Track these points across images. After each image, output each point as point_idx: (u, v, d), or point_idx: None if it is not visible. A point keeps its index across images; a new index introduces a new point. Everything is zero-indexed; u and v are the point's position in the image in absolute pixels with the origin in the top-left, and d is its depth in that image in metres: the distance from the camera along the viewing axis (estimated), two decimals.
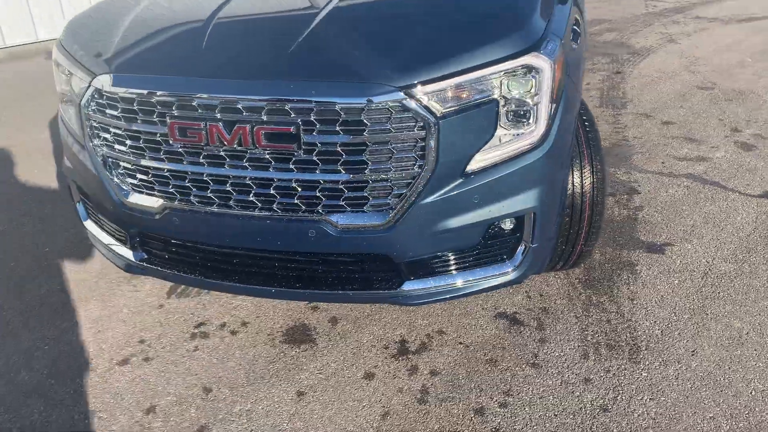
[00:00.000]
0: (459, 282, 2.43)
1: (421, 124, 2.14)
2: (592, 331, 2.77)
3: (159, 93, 2.27)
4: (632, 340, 2.71)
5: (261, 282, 2.47)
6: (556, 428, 2.31)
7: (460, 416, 2.38)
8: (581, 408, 2.39)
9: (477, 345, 2.72)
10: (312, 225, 2.28)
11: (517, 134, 2.27)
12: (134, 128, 2.35)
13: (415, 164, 2.20)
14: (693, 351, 2.64)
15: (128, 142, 2.40)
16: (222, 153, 2.26)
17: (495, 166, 2.27)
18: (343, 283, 2.43)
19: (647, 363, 2.59)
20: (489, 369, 2.59)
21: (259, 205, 2.30)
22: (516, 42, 2.23)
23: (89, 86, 2.42)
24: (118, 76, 2.36)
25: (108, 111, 2.40)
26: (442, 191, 2.24)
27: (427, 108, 2.12)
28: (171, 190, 2.40)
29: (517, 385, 2.50)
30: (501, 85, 2.21)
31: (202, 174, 2.33)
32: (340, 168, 2.21)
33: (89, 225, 2.88)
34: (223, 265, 2.50)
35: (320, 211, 2.27)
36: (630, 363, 2.59)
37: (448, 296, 2.43)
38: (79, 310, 3.05)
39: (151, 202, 2.46)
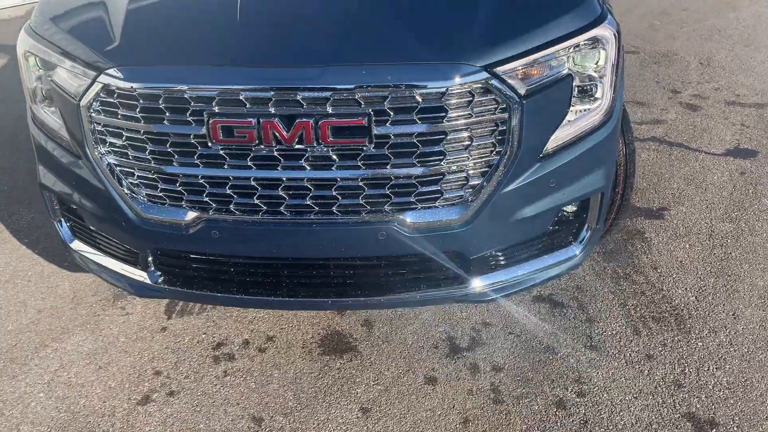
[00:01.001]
0: (527, 271, 2.30)
1: (504, 105, 1.96)
2: (632, 305, 2.75)
3: (193, 87, 1.92)
4: (673, 310, 2.70)
5: (314, 294, 2.20)
6: (641, 411, 2.24)
7: (543, 412, 2.26)
8: (656, 387, 2.36)
9: (528, 333, 2.61)
10: (380, 226, 2.05)
11: (585, 110, 2.15)
12: (158, 130, 1.99)
13: (493, 151, 2.03)
14: (734, 314, 2.67)
15: (149, 146, 2.03)
16: (275, 153, 1.96)
17: (567, 146, 2.14)
18: (409, 286, 2.21)
19: (697, 332, 2.58)
20: (550, 357, 2.49)
21: (317, 209, 2.04)
22: (584, 14, 2.12)
23: (92, 83, 2.01)
24: (135, 69, 1.99)
25: (121, 111, 2.02)
26: (521, 177, 2.08)
27: (511, 87, 1.94)
28: (206, 200, 2.07)
29: (585, 371, 2.42)
30: (570, 59, 2.08)
31: (249, 179, 2.02)
32: (414, 161, 1.98)
33: (78, 245, 2.46)
34: (269, 279, 2.20)
35: (388, 210, 2.04)
36: (681, 334, 2.57)
37: (518, 288, 2.29)
38: (64, 344, 2.62)
39: (180, 214, 2.10)
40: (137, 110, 1.99)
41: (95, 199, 2.21)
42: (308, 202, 2.03)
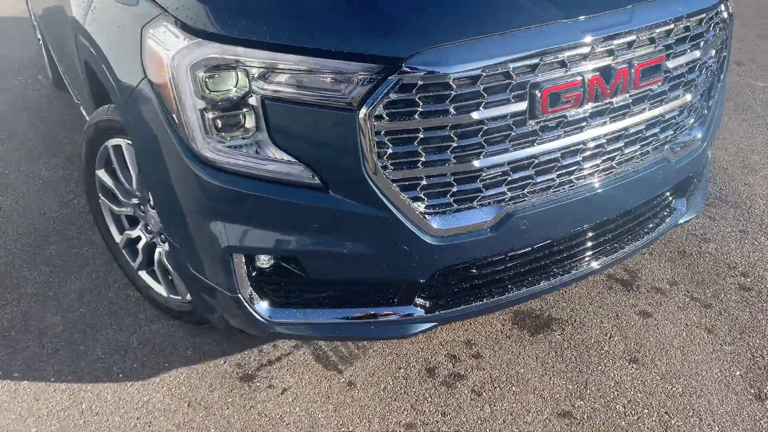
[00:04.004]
0: None
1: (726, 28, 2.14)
2: None
3: (517, 56, 1.69)
4: None
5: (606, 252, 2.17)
6: None
7: None
8: None
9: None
10: (657, 165, 2.09)
11: None
12: (470, 119, 1.70)
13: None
14: None
15: (455, 142, 1.72)
16: (582, 114, 1.84)
17: None
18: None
19: None
20: None
21: (616, 162, 1.98)
22: None
23: (381, 81, 1.61)
24: (445, 51, 1.64)
25: (422, 108, 1.66)
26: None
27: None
28: (504, 189, 1.85)
29: None
30: None
31: (555, 151, 1.85)
32: (685, 91, 2.07)
33: (280, 315, 1.94)
34: (560, 258, 2.06)
35: (664, 147, 2.11)
36: None
37: None
38: None
39: (480, 216, 1.84)
40: (448, 101, 1.64)
41: (365, 233, 1.76)
42: (598, 162, 1.94)
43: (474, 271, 2.00)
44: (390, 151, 1.71)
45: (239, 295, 1.93)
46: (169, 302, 2.57)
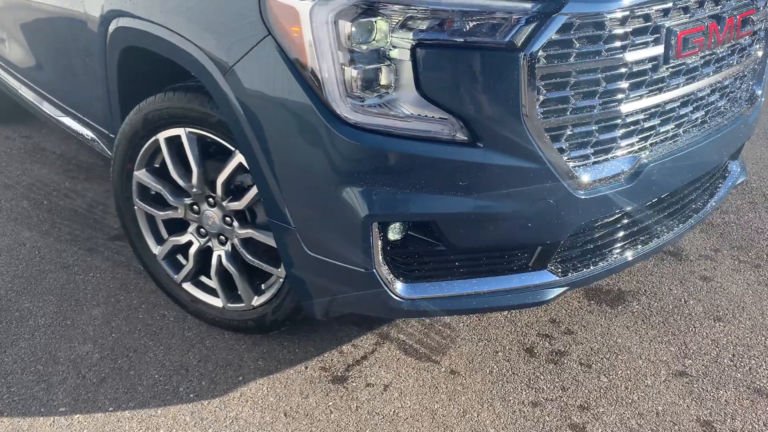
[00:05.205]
0: None
1: None
2: None
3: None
4: None
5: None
6: None
7: None
8: None
9: None
10: (739, 119, 2.20)
11: None
12: (621, 61, 1.71)
13: None
14: None
15: (602, 86, 1.72)
16: (699, 62, 1.91)
17: None
18: None
19: None
20: None
21: (707, 118, 2.06)
22: None
23: (547, 19, 1.58)
24: None
25: (576, 50, 1.64)
26: None
27: None
28: (636, 139, 1.87)
29: None
30: None
31: (676, 99, 1.90)
32: (760, 46, 2.20)
33: (411, 291, 1.83)
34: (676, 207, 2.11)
35: (743, 101, 2.23)
36: None
37: None
38: None
39: (617, 166, 1.84)
40: (602, 41, 1.63)
41: (516, 189, 1.69)
42: (711, 110, 2.03)
43: (604, 228, 1.96)
44: (542, 97, 1.65)
45: (374, 270, 1.76)
46: (225, 313, 2.31)
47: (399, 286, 1.80)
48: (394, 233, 1.79)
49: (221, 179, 2.07)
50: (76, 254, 2.89)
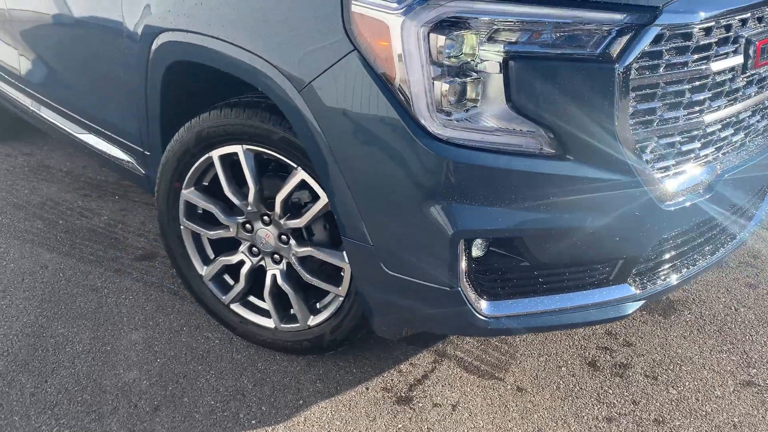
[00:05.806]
0: None
1: None
2: None
3: (737, 7, 1.73)
4: None
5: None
6: None
7: None
8: None
9: None
10: None
11: None
12: (706, 72, 1.70)
13: None
14: None
15: (688, 97, 1.71)
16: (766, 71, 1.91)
17: None
18: None
19: None
20: None
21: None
22: None
23: (635, 33, 1.57)
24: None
25: (665, 60, 1.63)
26: None
27: None
28: (713, 149, 1.87)
29: None
30: None
31: (748, 109, 1.91)
32: None
33: (496, 308, 1.79)
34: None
35: None
36: None
37: None
38: None
39: (693, 178, 1.84)
40: (690, 52, 1.62)
41: (605, 202, 1.67)
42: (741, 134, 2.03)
43: (680, 239, 1.94)
44: (632, 108, 1.63)
45: (459, 288, 1.71)
46: (277, 334, 2.23)
47: (484, 305, 1.75)
48: (477, 250, 1.74)
49: (280, 197, 2.01)
50: (103, 276, 2.78)
